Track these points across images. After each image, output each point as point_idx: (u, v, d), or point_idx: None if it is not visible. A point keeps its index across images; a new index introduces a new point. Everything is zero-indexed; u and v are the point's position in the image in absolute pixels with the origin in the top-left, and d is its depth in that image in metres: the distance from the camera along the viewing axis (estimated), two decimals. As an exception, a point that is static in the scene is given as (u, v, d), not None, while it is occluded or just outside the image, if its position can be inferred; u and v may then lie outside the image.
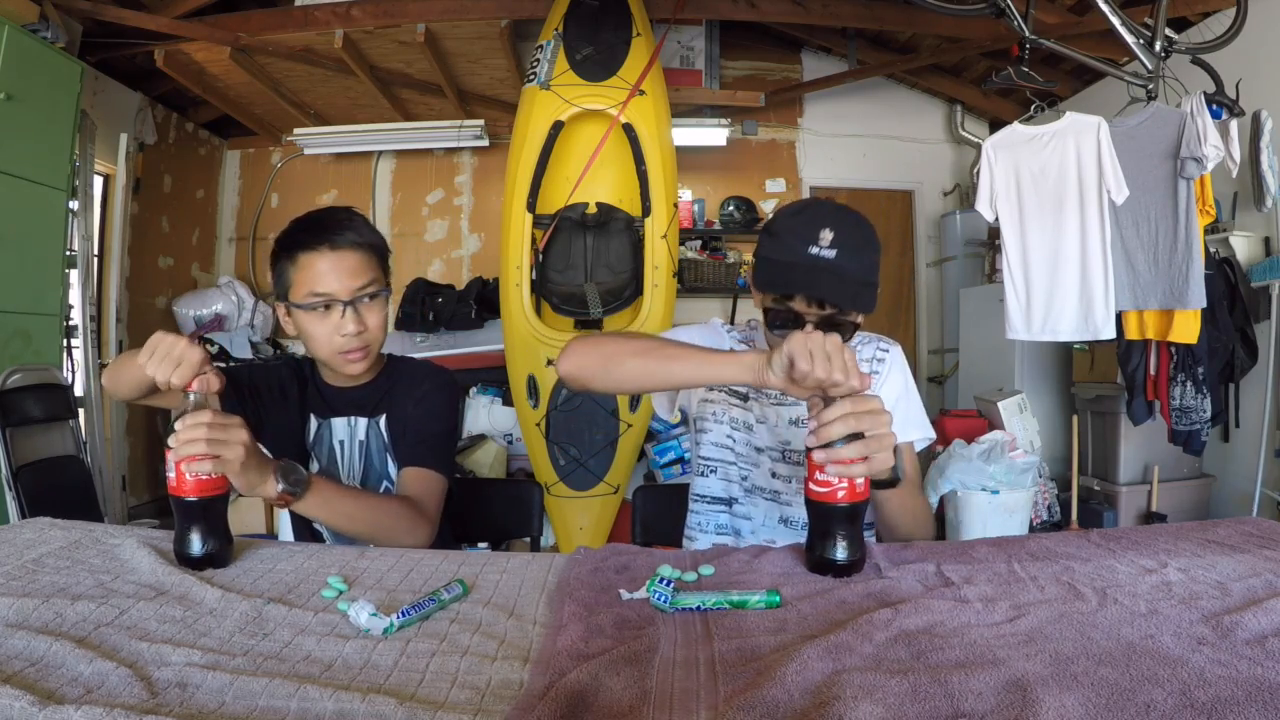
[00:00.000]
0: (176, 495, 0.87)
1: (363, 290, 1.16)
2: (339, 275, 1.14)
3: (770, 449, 1.22)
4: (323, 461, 1.28)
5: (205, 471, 0.87)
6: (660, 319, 3.09)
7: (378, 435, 1.27)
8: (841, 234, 1.05)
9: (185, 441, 0.86)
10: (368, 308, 1.17)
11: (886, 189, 4.88)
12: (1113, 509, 3.19)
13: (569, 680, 0.59)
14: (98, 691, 0.57)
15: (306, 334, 1.18)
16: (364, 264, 1.17)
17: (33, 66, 2.73)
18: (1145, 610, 0.73)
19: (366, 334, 1.17)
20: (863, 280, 1.06)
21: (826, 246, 1.04)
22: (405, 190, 4.87)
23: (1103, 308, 2.61)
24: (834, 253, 1.04)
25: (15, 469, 2.32)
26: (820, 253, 1.04)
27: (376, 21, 3.43)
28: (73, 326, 3.18)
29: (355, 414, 1.27)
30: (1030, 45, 2.52)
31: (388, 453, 1.27)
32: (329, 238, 1.14)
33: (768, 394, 1.21)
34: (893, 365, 1.23)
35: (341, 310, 1.15)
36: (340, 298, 1.14)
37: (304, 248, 1.15)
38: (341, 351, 1.17)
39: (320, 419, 1.27)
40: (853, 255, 1.05)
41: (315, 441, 1.27)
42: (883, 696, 0.55)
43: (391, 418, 1.27)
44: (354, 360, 1.19)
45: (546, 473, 3.10)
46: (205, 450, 0.86)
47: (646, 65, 3.10)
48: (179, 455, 0.87)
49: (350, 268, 1.15)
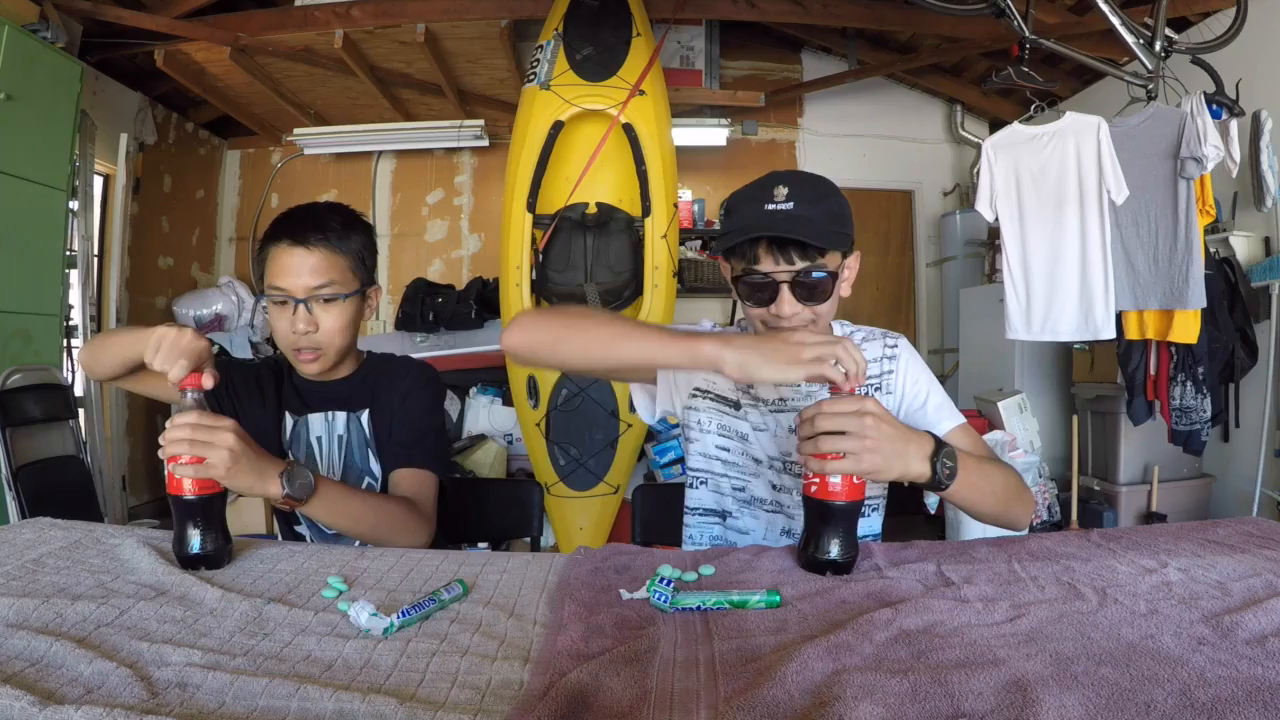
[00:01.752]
0: (174, 494, 0.87)
1: (318, 290, 1.14)
2: (297, 272, 1.13)
3: (772, 459, 1.15)
4: (300, 459, 1.26)
5: (192, 472, 0.87)
6: (660, 319, 3.08)
7: (359, 430, 1.25)
8: (797, 188, 1.01)
9: (171, 442, 0.86)
10: (324, 308, 1.15)
11: (886, 189, 4.88)
12: (1113, 509, 3.19)
13: (569, 680, 0.59)
14: (98, 691, 0.57)
15: (271, 326, 1.19)
16: (327, 264, 1.15)
17: (33, 66, 2.73)
18: (1145, 610, 0.73)
19: (317, 335, 1.16)
20: (827, 222, 1.00)
21: (783, 200, 1.00)
22: (405, 190, 4.87)
23: (1103, 308, 2.61)
24: (791, 204, 1.00)
25: (15, 469, 2.32)
26: (777, 207, 1.00)
27: (376, 21, 3.43)
28: (73, 326, 3.18)
29: (333, 409, 1.25)
30: (1030, 45, 2.52)
31: (369, 448, 1.26)
32: (295, 234, 1.14)
33: (764, 399, 1.15)
34: (906, 359, 1.16)
35: (293, 308, 1.14)
36: (294, 295, 1.14)
37: (273, 240, 1.15)
38: (294, 349, 1.17)
39: (296, 416, 1.26)
40: (812, 204, 1.00)
41: (292, 439, 1.26)
42: (883, 696, 0.55)
43: (375, 413, 1.25)
44: (305, 360, 1.18)
45: (546, 473, 3.09)
46: (189, 452, 0.86)
47: (646, 65, 3.10)
48: (164, 455, 0.87)
49: (311, 266, 1.13)
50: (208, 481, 0.87)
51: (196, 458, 0.86)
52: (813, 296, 1.02)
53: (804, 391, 1.14)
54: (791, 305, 1.02)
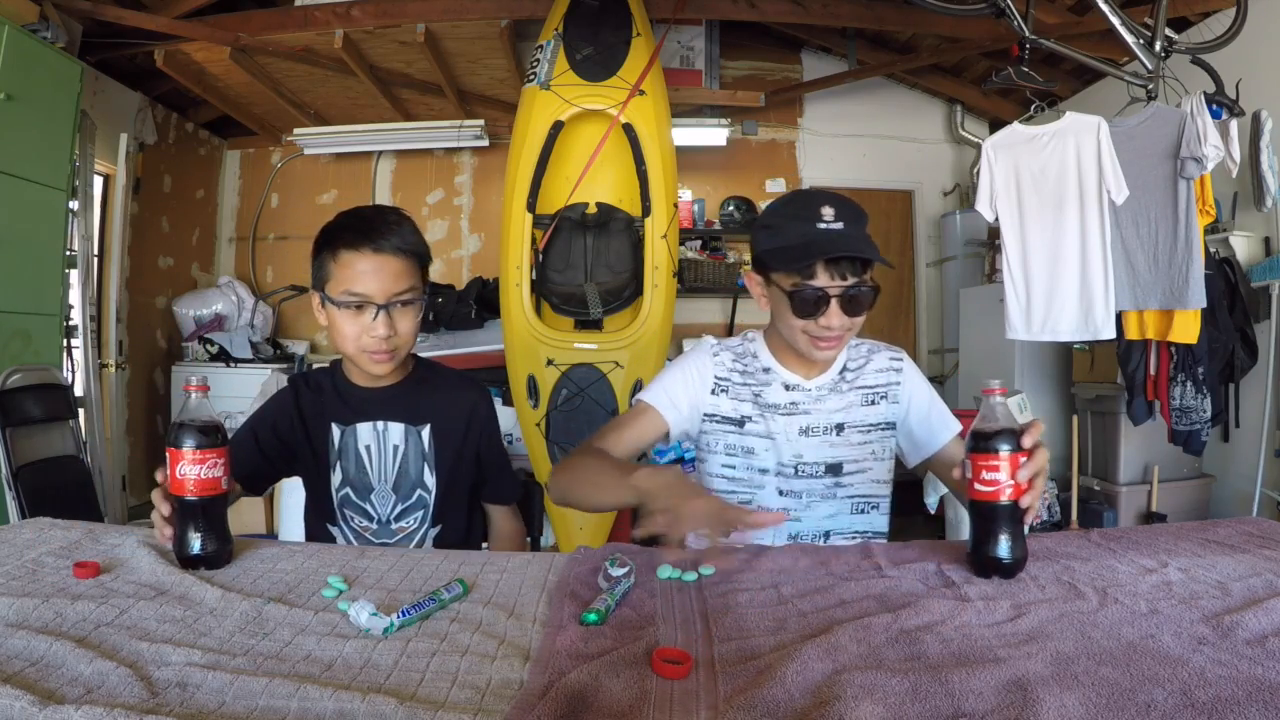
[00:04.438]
0: (176, 495, 0.87)
1: (399, 296, 1.15)
2: (378, 278, 1.13)
3: (779, 466, 1.21)
4: (350, 470, 1.25)
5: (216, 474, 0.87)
6: (660, 319, 3.08)
7: (417, 444, 1.26)
8: (841, 210, 1.11)
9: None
10: (401, 313, 1.16)
11: (886, 189, 4.88)
12: (1113, 509, 3.19)
13: (569, 680, 0.59)
14: (98, 691, 0.57)
15: (336, 329, 1.18)
16: (405, 270, 1.16)
17: (33, 66, 2.73)
18: (1146, 610, 0.73)
19: (396, 338, 1.17)
20: (871, 241, 1.13)
21: (833, 220, 1.10)
22: (405, 190, 4.87)
23: (1103, 308, 2.61)
24: (841, 225, 1.10)
25: (15, 469, 2.31)
26: (830, 226, 1.09)
27: (376, 21, 3.42)
28: (73, 326, 3.18)
29: (383, 418, 1.25)
30: (1030, 45, 2.51)
31: (425, 462, 1.26)
32: (374, 240, 1.14)
33: (775, 407, 1.21)
34: (910, 374, 1.26)
35: (374, 313, 1.14)
36: (376, 300, 1.14)
37: (347, 245, 1.14)
38: (368, 350, 1.17)
39: (343, 426, 1.25)
40: (856, 224, 1.11)
41: (340, 451, 1.25)
42: (883, 696, 0.55)
43: (437, 430, 1.27)
44: (379, 361, 1.18)
45: (546, 473, 3.09)
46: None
47: (646, 65, 3.10)
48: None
49: (392, 272, 1.14)
50: (210, 482, 0.87)
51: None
52: (859, 309, 1.12)
53: (813, 394, 1.22)
54: (840, 318, 1.11)
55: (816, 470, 1.21)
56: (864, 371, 1.24)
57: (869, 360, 1.25)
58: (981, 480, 0.83)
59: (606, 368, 3.04)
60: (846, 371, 1.24)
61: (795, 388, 1.22)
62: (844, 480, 1.21)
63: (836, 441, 1.21)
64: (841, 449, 1.21)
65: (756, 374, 1.24)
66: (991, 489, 0.82)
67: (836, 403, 1.22)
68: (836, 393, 1.22)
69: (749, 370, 1.24)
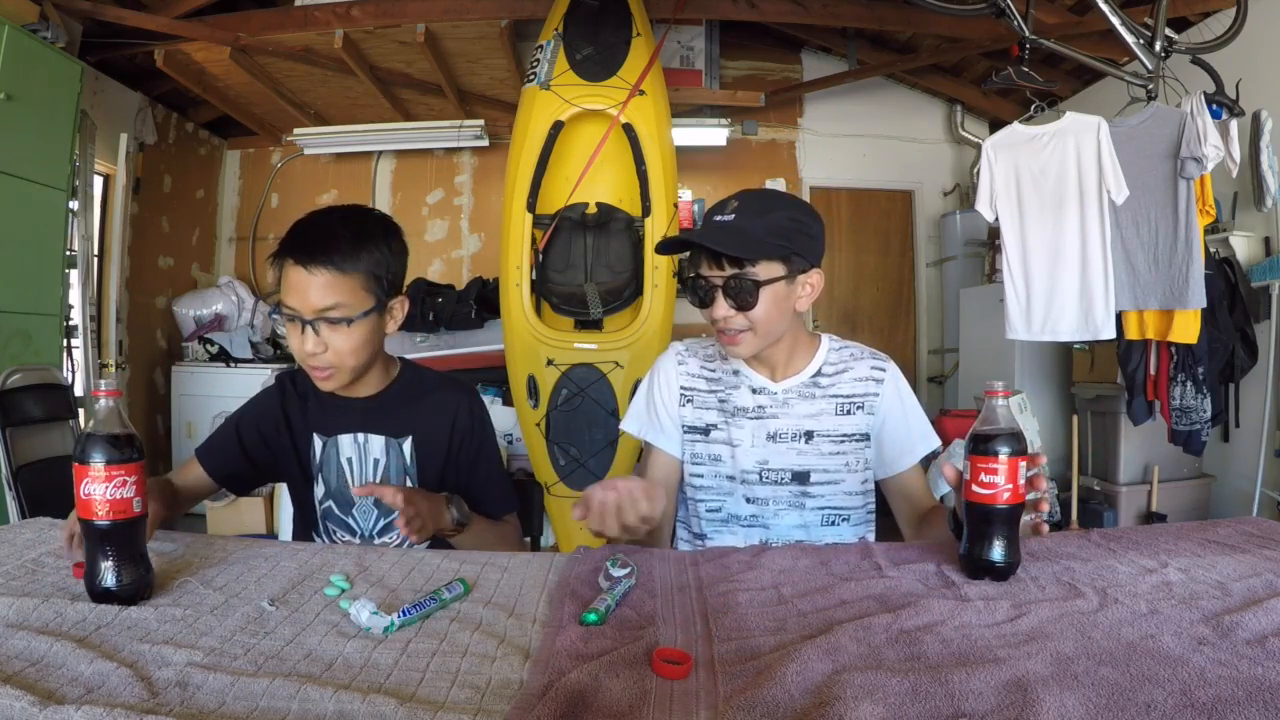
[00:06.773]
0: (83, 519, 0.75)
1: (324, 313, 1.08)
2: (304, 293, 1.08)
3: (745, 473, 1.18)
4: (331, 482, 1.22)
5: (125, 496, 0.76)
6: (660, 319, 3.09)
7: (399, 457, 1.22)
8: (748, 203, 1.09)
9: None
10: (332, 329, 1.09)
11: (886, 189, 4.88)
12: (1113, 509, 3.19)
13: (569, 680, 0.59)
14: (98, 691, 0.57)
15: (288, 339, 1.16)
16: (335, 286, 1.08)
17: (33, 66, 2.73)
18: (1146, 610, 0.73)
19: (327, 355, 1.10)
20: (764, 234, 1.06)
21: (728, 213, 1.08)
22: (405, 190, 4.87)
23: (1103, 308, 2.61)
24: (733, 217, 1.07)
25: (15, 469, 2.31)
26: (722, 219, 1.08)
27: (376, 21, 3.42)
28: (73, 326, 3.17)
29: (364, 430, 1.21)
30: (1030, 45, 2.51)
31: (407, 477, 1.22)
32: (300, 253, 1.08)
33: (743, 410, 1.18)
34: (891, 388, 1.19)
35: (301, 327, 1.10)
36: (303, 315, 1.09)
37: (284, 254, 1.10)
38: (308, 365, 1.13)
39: (325, 437, 1.22)
40: (754, 216, 1.07)
41: (322, 462, 1.22)
42: (883, 696, 0.55)
43: (419, 442, 1.22)
44: (319, 378, 1.14)
45: (546, 473, 3.09)
46: (416, 538, 1.05)
47: (646, 65, 3.10)
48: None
49: (320, 286, 1.07)
50: (122, 503, 0.75)
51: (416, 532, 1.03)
52: (746, 302, 1.08)
53: (780, 398, 1.18)
54: (723, 309, 1.09)
55: (782, 477, 1.17)
56: (840, 379, 1.19)
57: (848, 367, 1.19)
58: (979, 482, 0.83)
59: (606, 368, 3.04)
60: (820, 376, 1.19)
61: (762, 391, 1.18)
62: (812, 490, 1.17)
63: (805, 449, 1.17)
64: (810, 457, 1.17)
65: (726, 377, 1.21)
66: (989, 492, 0.82)
67: (806, 408, 1.17)
68: (806, 398, 1.18)
69: (716, 374, 1.22)
